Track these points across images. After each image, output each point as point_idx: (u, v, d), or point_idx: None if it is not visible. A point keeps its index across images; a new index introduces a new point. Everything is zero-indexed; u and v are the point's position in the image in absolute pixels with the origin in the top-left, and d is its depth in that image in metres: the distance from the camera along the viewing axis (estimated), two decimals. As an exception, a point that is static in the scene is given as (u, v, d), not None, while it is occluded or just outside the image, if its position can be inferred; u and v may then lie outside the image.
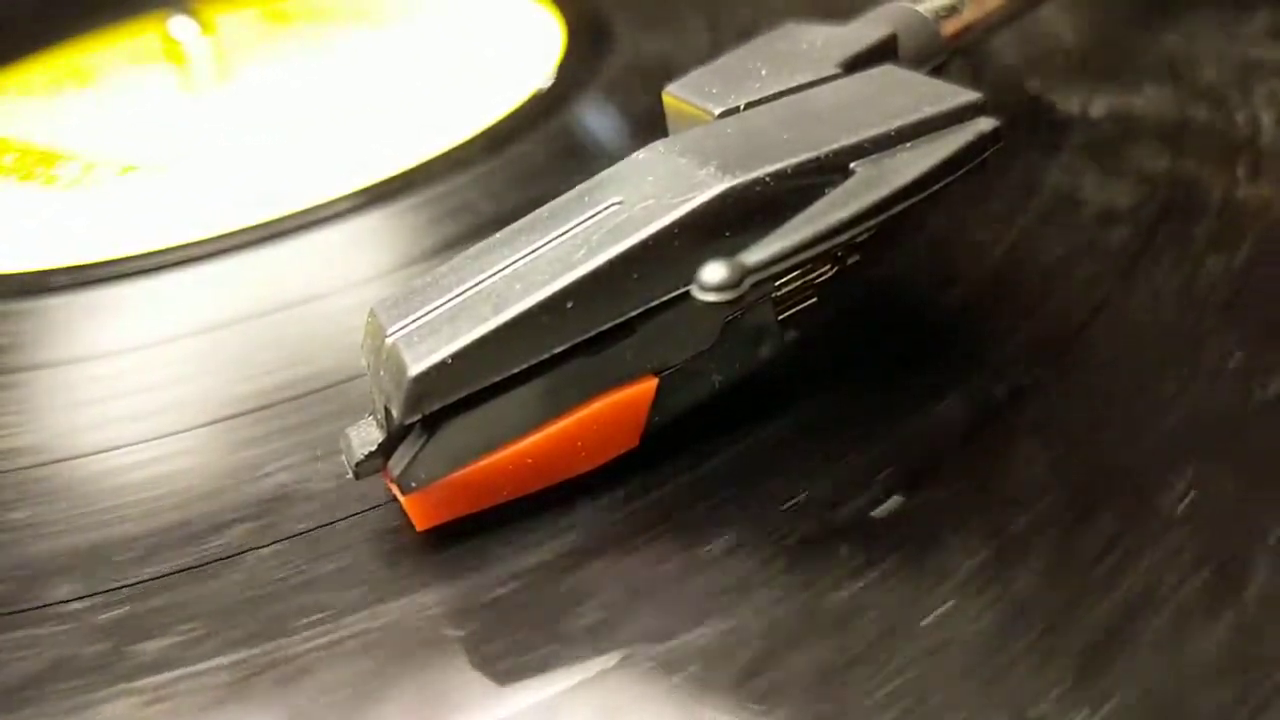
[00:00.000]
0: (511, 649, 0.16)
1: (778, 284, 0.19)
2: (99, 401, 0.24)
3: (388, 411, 0.18)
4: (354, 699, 0.16)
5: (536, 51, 0.37)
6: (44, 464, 0.22)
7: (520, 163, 0.31)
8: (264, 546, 0.19)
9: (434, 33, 0.42)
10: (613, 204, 0.18)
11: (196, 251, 0.29)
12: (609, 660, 0.16)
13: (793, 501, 0.18)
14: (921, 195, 0.18)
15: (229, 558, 0.19)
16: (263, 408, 0.23)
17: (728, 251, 0.16)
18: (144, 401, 0.24)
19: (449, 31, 0.42)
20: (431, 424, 0.17)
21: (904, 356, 0.21)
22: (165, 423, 0.23)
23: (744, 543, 0.17)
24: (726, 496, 0.18)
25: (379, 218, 0.29)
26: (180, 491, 0.21)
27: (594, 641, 0.16)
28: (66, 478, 0.22)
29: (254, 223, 0.30)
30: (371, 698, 0.16)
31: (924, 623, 0.15)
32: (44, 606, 0.18)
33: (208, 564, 0.19)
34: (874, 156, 0.18)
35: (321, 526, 0.19)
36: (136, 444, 0.22)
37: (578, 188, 0.19)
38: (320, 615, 0.17)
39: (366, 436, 0.18)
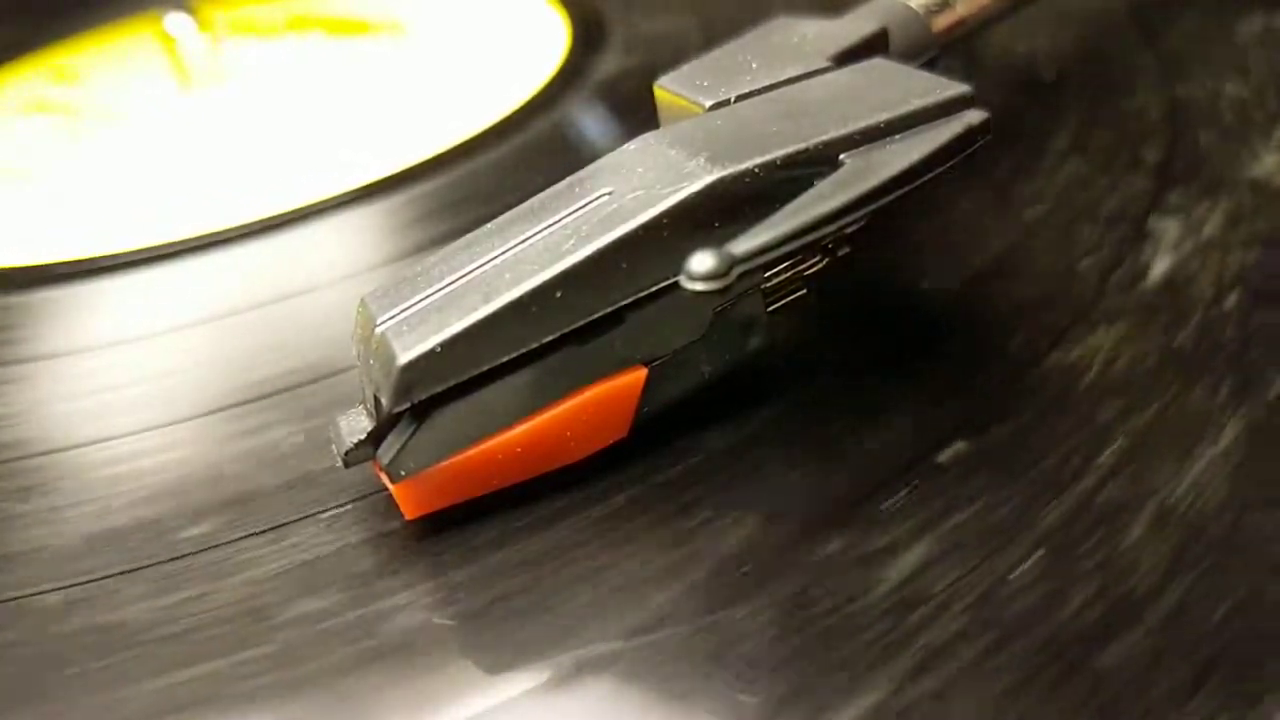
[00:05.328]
0: (501, 638, 0.16)
1: (767, 275, 0.19)
2: (94, 393, 0.24)
3: (377, 400, 0.18)
4: (343, 688, 0.16)
5: (540, 51, 0.37)
6: (38, 455, 0.22)
7: (516, 161, 0.31)
8: (255, 535, 0.19)
9: (436, 31, 0.42)
10: (603, 194, 0.18)
11: (189, 246, 0.29)
12: (598, 649, 0.16)
13: (784, 496, 0.18)
14: (910, 187, 0.18)
15: (220, 546, 0.19)
16: (255, 399, 0.23)
17: (717, 242, 0.16)
18: (138, 393, 0.24)
19: (452, 31, 0.42)
20: (420, 413, 0.17)
21: (900, 350, 0.21)
22: (158, 415, 0.23)
23: (734, 537, 0.17)
24: (718, 489, 0.18)
25: (373, 213, 0.29)
26: (172, 483, 0.21)
27: (583, 630, 0.16)
28: (60, 468, 0.22)
29: (249, 219, 0.30)
30: (361, 686, 0.16)
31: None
32: (35, 595, 0.19)
33: (198, 553, 0.19)
34: (863, 148, 0.18)
35: (310, 515, 0.19)
36: (129, 435, 0.22)
37: (568, 178, 0.19)
38: (309, 604, 0.17)
39: (356, 425, 0.18)
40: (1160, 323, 0.20)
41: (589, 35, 0.38)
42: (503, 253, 0.18)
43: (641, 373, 0.19)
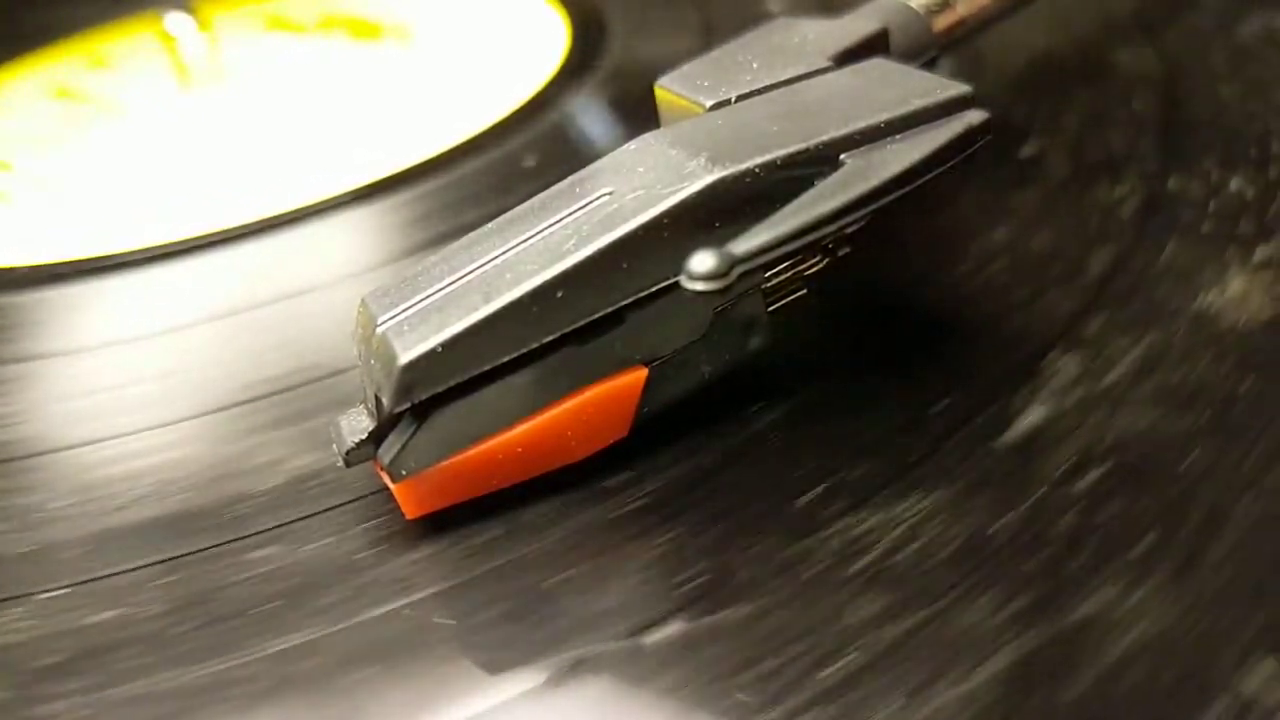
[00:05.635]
0: (501, 638, 0.16)
1: (768, 275, 0.19)
2: (96, 392, 0.24)
3: (378, 400, 0.18)
4: (345, 686, 0.16)
5: (540, 52, 0.37)
6: (38, 454, 0.22)
7: (516, 161, 0.31)
8: (255, 534, 0.19)
9: (439, 32, 0.42)
10: (603, 194, 0.18)
11: (189, 246, 0.29)
12: (598, 649, 0.16)
13: (785, 496, 0.18)
14: (910, 187, 0.18)
15: (220, 545, 0.19)
16: (256, 399, 0.23)
17: (717, 242, 0.16)
18: (138, 393, 0.24)
19: (454, 32, 0.42)
20: (421, 412, 0.17)
21: (901, 350, 0.21)
22: (159, 414, 0.23)
23: (738, 536, 0.17)
24: (720, 489, 0.18)
25: (373, 213, 0.29)
26: (172, 483, 0.21)
27: (583, 630, 0.16)
28: (61, 468, 0.22)
29: (249, 219, 0.30)
30: (362, 685, 0.16)
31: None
32: (33, 594, 0.19)
33: (198, 553, 0.19)
34: (863, 148, 0.18)
35: (311, 515, 0.19)
36: (130, 434, 0.22)
37: (569, 178, 0.19)
38: (310, 604, 0.17)
39: (357, 425, 0.18)
40: (988, 498, 0.17)
41: (589, 35, 0.38)
42: (503, 253, 0.18)
43: (642, 373, 0.19)
